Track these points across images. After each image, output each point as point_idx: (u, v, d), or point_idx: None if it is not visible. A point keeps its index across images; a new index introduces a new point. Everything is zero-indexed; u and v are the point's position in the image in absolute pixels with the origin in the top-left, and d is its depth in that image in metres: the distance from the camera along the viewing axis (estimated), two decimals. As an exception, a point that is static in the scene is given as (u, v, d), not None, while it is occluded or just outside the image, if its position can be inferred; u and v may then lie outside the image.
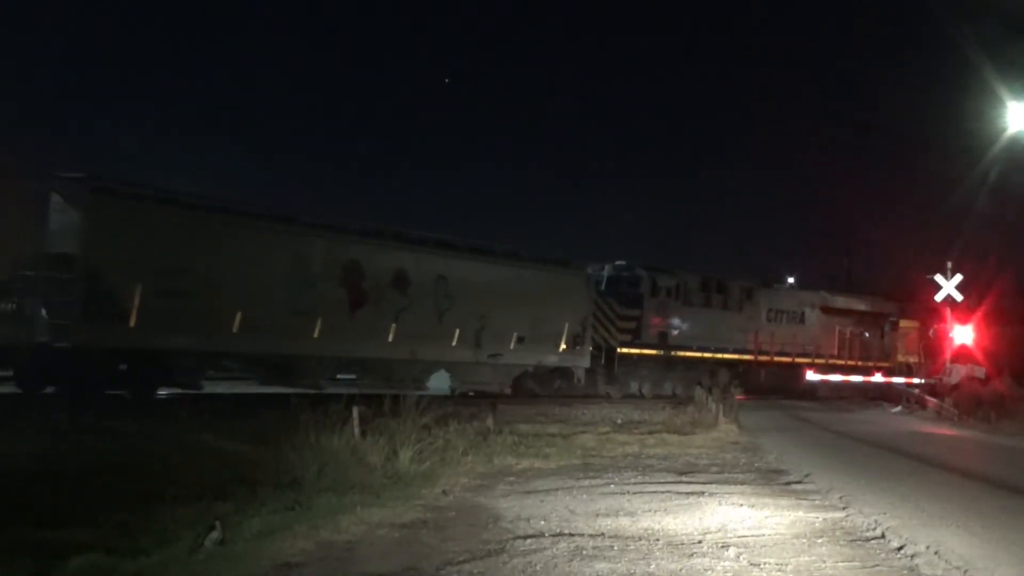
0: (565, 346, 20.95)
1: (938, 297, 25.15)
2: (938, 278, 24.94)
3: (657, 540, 6.01)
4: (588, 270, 22.44)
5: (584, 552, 5.58)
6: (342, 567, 5.10)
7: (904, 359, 31.81)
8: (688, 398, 19.20)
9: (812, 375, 28.22)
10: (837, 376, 28.92)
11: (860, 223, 59.70)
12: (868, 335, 30.88)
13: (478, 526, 6.29)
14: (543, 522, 6.47)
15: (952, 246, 27.90)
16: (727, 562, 5.48)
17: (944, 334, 27.59)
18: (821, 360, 28.67)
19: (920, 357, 31.57)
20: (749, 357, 26.43)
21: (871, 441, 14.88)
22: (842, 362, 29.47)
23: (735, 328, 25.93)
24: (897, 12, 77.84)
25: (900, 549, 6.04)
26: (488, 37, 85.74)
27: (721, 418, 14.76)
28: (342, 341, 16.39)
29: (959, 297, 24.92)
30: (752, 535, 6.30)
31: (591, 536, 6.06)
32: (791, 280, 33.10)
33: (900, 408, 24.35)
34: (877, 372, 30.29)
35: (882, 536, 6.45)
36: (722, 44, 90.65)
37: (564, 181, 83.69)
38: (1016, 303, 32.11)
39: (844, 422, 19.19)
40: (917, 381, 28.56)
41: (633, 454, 10.89)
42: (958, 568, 5.57)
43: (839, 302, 30.37)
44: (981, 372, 27.44)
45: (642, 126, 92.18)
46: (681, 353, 24.31)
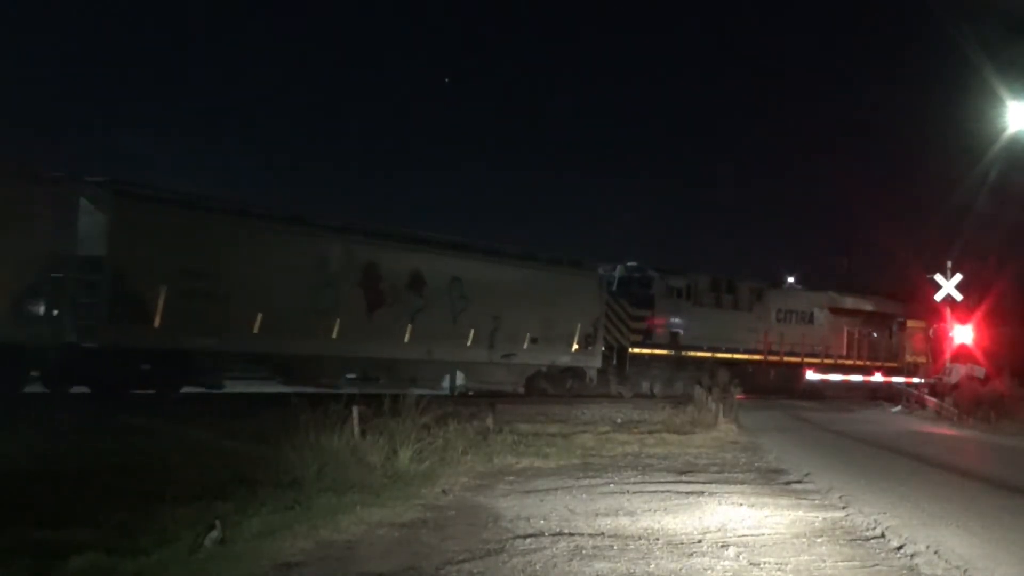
0: (577, 346, 21.09)
1: (938, 297, 25.19)
2: (938, 278, 24.98)
3: (657, 539, 6.02)
4: (600, 271, 22.54)
5: (584, 551, 5.58)
6: (342, 567, 5.10)
7: (912, 359, 31.83)
8: (691, 398, 19.23)
9: (812, 375, 28.23)
10: (836, 375, 28.93)
11: (860, 223, 59.69)
12: (876, 335, 30.92)
13: (478, 525, 6.29)
14: (543, 521, 6.47)
15: (952, 246, 27.92)
16: (727, 561, 5.48)
17: (944, 334, 27.61)
18: (830, 360, 28.71)
19: (928, 357, 31.57)
20: (759, 357, 26.49)
21: (871, 441, 14.90)
22: (851, 362, 29.51)
23: (745, 328, 26.02)
24: (897, 12, 77.82)
25: (900, 549, 6.03)
26: (488, 37, 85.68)
27: (721, 418, 14.78)
28: (360, 341, 16.61)
29: (959, 297, 24.96)
30: (752, 534, 6.30)
31: (591, 535, 6.06)
32: (791, 280, 33.12)
33: (900, 408, 24.37)
34: (885, 373, 30.29)
35: (882, 536, 6.45)
36: (722, 44, 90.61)
37: (564, 181, 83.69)
38: (1016, 303, 32.05)
39: (844, 422, 19.21)
40: (917, 381, 28.58)
41: (633, 453, 10.91)
42: (958, 568, 5.57)
43: (847, 302, 30.40)
44: (981, 372, 27.43)
45: (642, 126, 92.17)
46: (692, 353, 24.41)
